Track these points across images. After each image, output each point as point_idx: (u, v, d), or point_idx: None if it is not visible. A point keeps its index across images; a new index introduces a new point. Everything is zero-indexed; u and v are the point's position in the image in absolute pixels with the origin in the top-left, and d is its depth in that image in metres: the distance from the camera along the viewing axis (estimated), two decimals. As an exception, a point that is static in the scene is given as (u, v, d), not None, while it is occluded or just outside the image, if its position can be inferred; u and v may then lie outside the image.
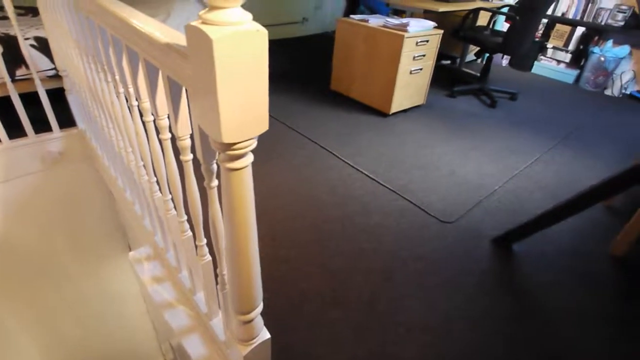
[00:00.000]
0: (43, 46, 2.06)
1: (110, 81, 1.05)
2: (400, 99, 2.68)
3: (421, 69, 2.66)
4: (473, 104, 3.08)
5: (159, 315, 1.21)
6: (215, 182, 0.72)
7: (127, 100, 0.97)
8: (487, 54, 3.17)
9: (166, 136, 0.83)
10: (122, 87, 0.96)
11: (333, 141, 2.36)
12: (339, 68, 2.96)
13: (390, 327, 1.24)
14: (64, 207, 2.27)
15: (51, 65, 2.10)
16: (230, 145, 0.52)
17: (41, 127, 2.00)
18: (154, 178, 1.09)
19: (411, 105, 2.83)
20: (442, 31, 2.63)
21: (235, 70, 0.47)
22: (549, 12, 3.83)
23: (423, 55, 2.60)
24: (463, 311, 1.31)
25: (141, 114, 0.91)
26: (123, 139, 1.18)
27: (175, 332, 1.11)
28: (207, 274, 0.96)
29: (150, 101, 0.78)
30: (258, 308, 0.80)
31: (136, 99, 0.89)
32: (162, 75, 0.66)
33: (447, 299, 1.35)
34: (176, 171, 0.90)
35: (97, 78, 1.18)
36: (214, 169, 0.70)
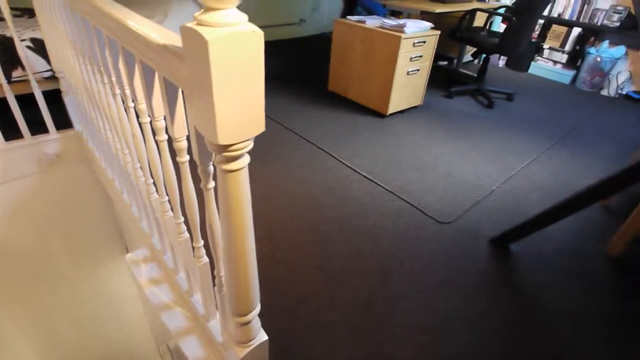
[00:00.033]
0: (39, 47, 2.06)
1: (106, 82, 1.05)
2: (397, 100, 2.68)
3: (418, 70, 2.67)
4: (470, 105, 3.09)
5: (156, 317, 1.20)
6: (212, 184, 0.72)
7: (124, 101, 0.97)
8: (484, 55, 3.18)
9: (162, 138, 0.83)
10: (119, 89, 0.96)
11: (330, 142, 2.36)
12: (336, 69, 2.96)
13: (387, 328, 1.24)
14: (61, 210, 2.26)
15: (47, 66, 2.10)
16: (226, 146, 0.52)
17: (37, 129, 1.99)
18: (151, 180, 1.08)
19: (408, 106, 2.83)
20: (439, 32, 2.64)
21: (230, 71, 0.47)
22: (546, 13, 3.84)
23: (420, 56, 2.61)
24: (460, 312, 1.31)
25: (137, 116, 0.91)
26: (120, 141, 1.18)
27: (172, 334, 1.11)
28: (205, 276, 0.95)
29: (146, 103, 0.78)
30: (255, 310, 0.79)
31: (132, 101, 0.89)
32: (158, 76, 0.66)
33: (445, 300, 1.35)
34: (173, 173, 0.90)
35: (94, 79, 1.18)
36: (211, 171, 0.70)
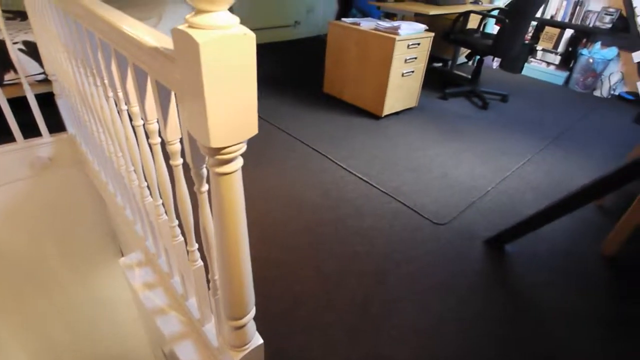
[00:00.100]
0: (32, 50, 2.04)
1: (99, 85, 1.04)
2: (392, 102, 2.69)
3: (413, 72, 2.68)
4: (465, 106, 3.11)
5: (151, 321, 1.19)
6: (205, 187, 0.71)
7: (117, 104, 0.96)
8: (478, 57, 3.20)
9: (156, 140, 0.82)
10: (111, 91, 0.95)
11: (326, 144, 2.36)
12: (332, 71, 2.96)
13: (383, 330, 1.24)
14: (54, 213, 2.24)
15: (40, 69, 2.08)
16: (218, 149, 0.52)
17: (30, 132, 1.97)
18: (145, 183, 1.08)
19: (403, 107, 2.84)
20: (433, 34, 2.65)
21: (222, 74, 0.46)
22: (538, 15, 3.88)
23: (414, 58, 2.62)
24: (456, 313, 1.31)
25: (130, 118, 0.90)
26: (113, 144, 1.17)
27: (167, 339, 1.10)
28: (199, 280, 0.95)
29: (139, 105, 0.78)
30: (250, 313, 0.79)
31: (125, 103, 0.88)
32: (151, 79, 0.66)
33: (440, 301, 1.35)
34: (166, 176, 0.89)
35: (87, 82, 1.17)
36: (204, 174, 0.70)
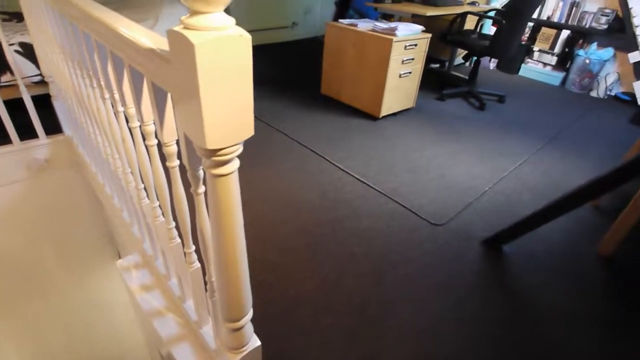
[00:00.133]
0: (28, 52, 2.04)
1: (95, 87, 1.04)
2: (389, 103, 2.69)
3: (410, 73, 2.68)
4: (462, 107, 3.11)
5: (148, 323, 1.19)
6: (202, 189, 0.71)
7: (113, 106, 0.96)
8: (475, 57, 3.21)
9: (152, 142, 0.82)
10: (108, 93, 0.95)
11: (324, 145, 2.36)
12: (329, 72, 2.96)
13: (381, 331, 1.23)
14: (51, 215, 2.23)
15: (37, 71, 2.08)
16: (215, 151, 0.52)
17: (27, 134, 1.96)
18: (142, 185, 1.07)
19: (401, 108, 2.84)
20: (430, 35, 2.66)
21: (218, 75, 0.46)
22: (535, 16, 3.89)
23: (412, 59, 2.62)
24: (454, 314, 1.31)
25: (127, 120, 0.90)
26: (110, 145, 1.17)
27: (164, 341, 1.09)
28: (196, 282, 0.94)
29: (135, 107, 0.77)
30: (248, 315, 0.79)
31: (122, 105, 0.88)
32: (147, 81, 0.66)
33: (438, 302, 1.35)
34: (163, 177, 0.89)
35: (83, 84, 1.17)
36: (201, 175, 0.70)
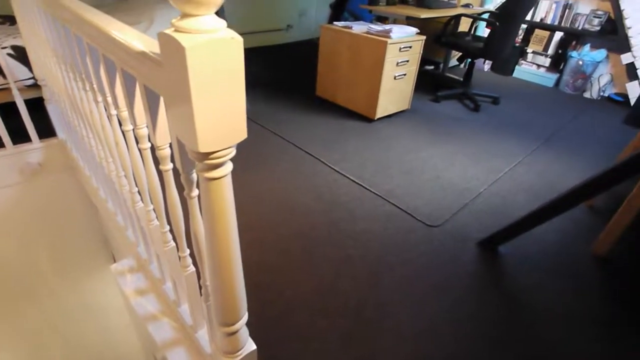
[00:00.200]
0: (21, 55, 2.02)
1: (88, 90, 1.03)
2: (385, 105, 2.70)
3: (405, 75, 2.69)
4: (457, 109, 3.12)
5: (143, 328, 1.18)
6: (195, 192, 0.70)
7: (106, 109, 0.96)
8: (469, 59, 3.22)
9: (145, 146, 0.82)
10: (101, 96, 0.95)
11: (319, 147, 2.36)
12: (324, 74, 2.97)
13: (377, 333, 1.23)
14: (45, 219, 2.21)
15: (30, 74, 2.06)
16: (207, 154, 0.51)
17: (20, 138, 1.95)
18: (135, 188, 1.07)
19: (396, 110, 2.85)
20: (425, 37, 2.67)
21: (209, 78, 0.46)
22: (528, 18, 3.92)
23: (406, 61, 2.63)
24: (450, 315, 1.31)
25: (120, 123, 0.89)
26: (103, 149, 1.16)
27: (159, 346, 1.08)
28: (191, 285, 0.94)
29: (128, 110, 0.77)
30: (242, 319, 0.78)
31: (114, 108, 0.87)
32: (139, 84, 0.65)
33: (434, 303, 1.35)
34: (157, 181, 0.88)
35: (76, 87, 1.16)
36: (194, 179, 0.69)
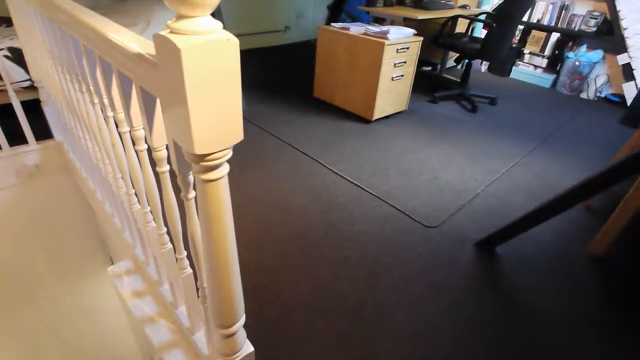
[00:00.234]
0: (17, 57, 2.02)
1: (85, 92, 1.03)
2: (382, 106, 2.70)
3: (402, 76, 2.69)
4: (454, 109, 3.13)
5: (140, 330, 1.17)
6: (192, 194, 0.70)
7: (103, 111, 0.95)
8: (467, 60, 3.23)
9: (142, 147, 0.82)
10: (97, 98, 0.94)
11: (316, 148, 2.36)
12: (322, 76, 2.97)
13: (375, 334, 1.23)
14: (42, 221, 2.20)
15: (26, 76, 2.06)
16: (203, 156, 0.51)
17: (16, 140, 1.94)
18: (132, 190, 1.06)
19: (393, 111, 2.85)
20: (422, 38, 2.67)
21: (205, 80, 0.46)
22: (525, 19, 3.93)
23: (404, 62, 2.64)
24: (448, 315, 1.32)
25: (117, 125, 0.89)
26: (100, 151, 1.16)
27: (156, 348, 1.08)
28: (188, 287, 0.94)
29: (124, 112, 0.77)
30: (240, 321, 0.78)
31: (111, 110, 0.87)
32: (135, 86, 0.65)
33: (432, 304, 1.35)
34: (154, 183, 0.88)
35: (72, 89, 1.16)
36: (191, 180, 0.69)
